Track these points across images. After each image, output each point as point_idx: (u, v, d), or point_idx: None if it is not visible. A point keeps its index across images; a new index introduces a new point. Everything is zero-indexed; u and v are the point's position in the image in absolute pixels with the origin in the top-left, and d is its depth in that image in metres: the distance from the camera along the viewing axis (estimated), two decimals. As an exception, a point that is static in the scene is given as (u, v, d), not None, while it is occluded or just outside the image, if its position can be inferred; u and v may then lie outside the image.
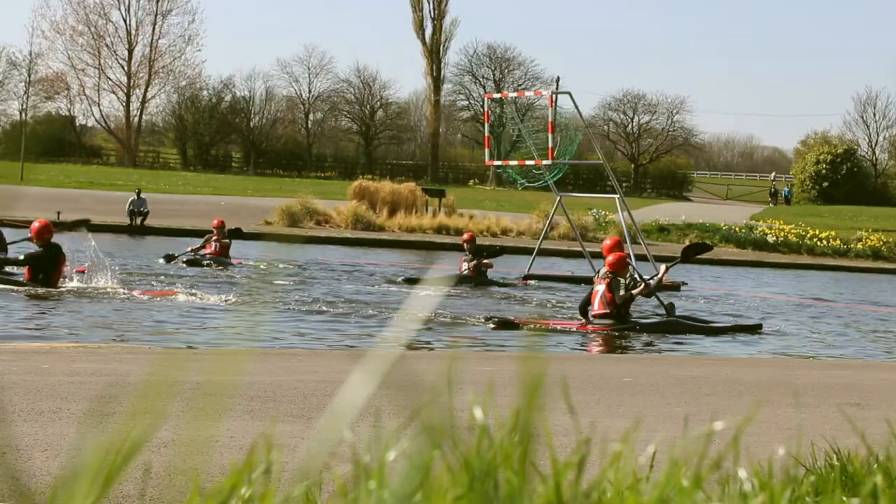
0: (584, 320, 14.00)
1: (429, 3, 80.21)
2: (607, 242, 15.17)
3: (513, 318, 14.44)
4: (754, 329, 15.34)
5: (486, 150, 25.39)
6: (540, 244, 25.01)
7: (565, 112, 25.34)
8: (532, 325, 13.94)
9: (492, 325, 13.73)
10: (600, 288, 13.86)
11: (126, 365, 8.04)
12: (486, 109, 27.63)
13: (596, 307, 13.88)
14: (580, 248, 25.09)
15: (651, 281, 14.31)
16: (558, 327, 14.06)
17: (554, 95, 24.53)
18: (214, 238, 21.15)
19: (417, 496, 1.05)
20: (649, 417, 6.09)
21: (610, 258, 14.04)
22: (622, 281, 13.87)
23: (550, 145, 22.99)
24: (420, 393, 1.05)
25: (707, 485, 1.23)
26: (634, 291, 13.93)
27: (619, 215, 24.68)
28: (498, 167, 27.08)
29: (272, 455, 1.19)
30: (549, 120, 23.50)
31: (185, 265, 20.54)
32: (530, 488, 1.08)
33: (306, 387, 7.05)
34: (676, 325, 14.44)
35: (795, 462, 1.98)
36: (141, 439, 1.08)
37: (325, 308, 14.97)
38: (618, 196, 24.32)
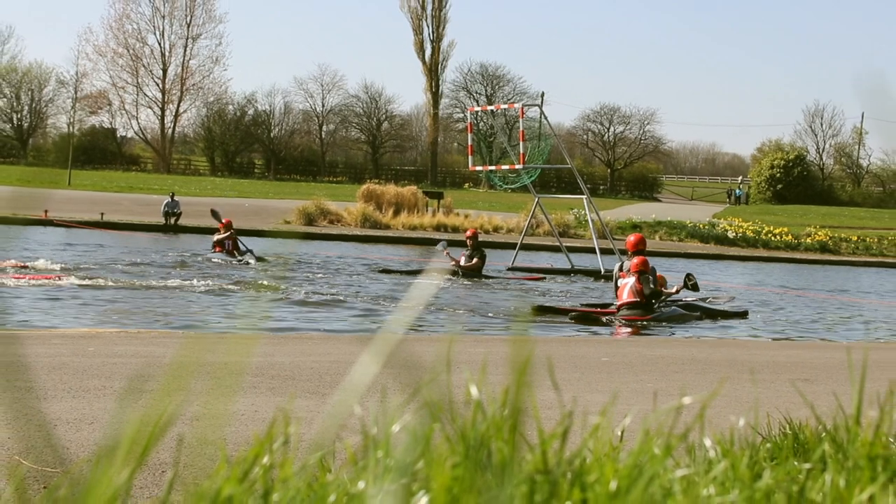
0: (615, 310, 13.90)
1: (428, 28, 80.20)
2: (631, 239, 14.86)
3: (556, 305, 14.41)
4: (742, 315, 15.32)
5: (470, 157, 25.55)
6: (522, 240, 25.02)
7: (537, 123, 25.42)
8: (572, 313, 13.79)
9: (531, 310, 13.72)
10: (630, 280, 13.80)
11: (162, 348, 8.04)
12: (469, 121, 27.69)
13: (625, 297, 13.79)
14: (577, 245, 25.15)
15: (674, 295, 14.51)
16: (593, 315, 13.86)
17: (524, 107, 24.59)
18: (224, 237, 21.07)
19: (419, 464, 1.05)
20: (624, 393, 6.08)
21: (634, 260, 13.96)
22: (650, 277, 13.86)
23: (522, 151, 23.13)
24: (421, 372, 1.05)
25: (676, 452, 1.23)
26: (664, 290, 14.16)
27: (593, 214, 24.69)
28: (480, 172, 27.15)
29: (291, 428, 1.19)
30: (521, 129, 23.63)
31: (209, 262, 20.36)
32: (519, 457, 1.08)
33: (321, 367, 7.04)
34: (688, 315, 14.42)
35: (753, 432, 1.97)
36: (175, 413, 1.08)
37: (335, 297, 14.96)
38: (585, 197, 24.40)
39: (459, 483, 1.02)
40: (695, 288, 14.85)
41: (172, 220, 32.04)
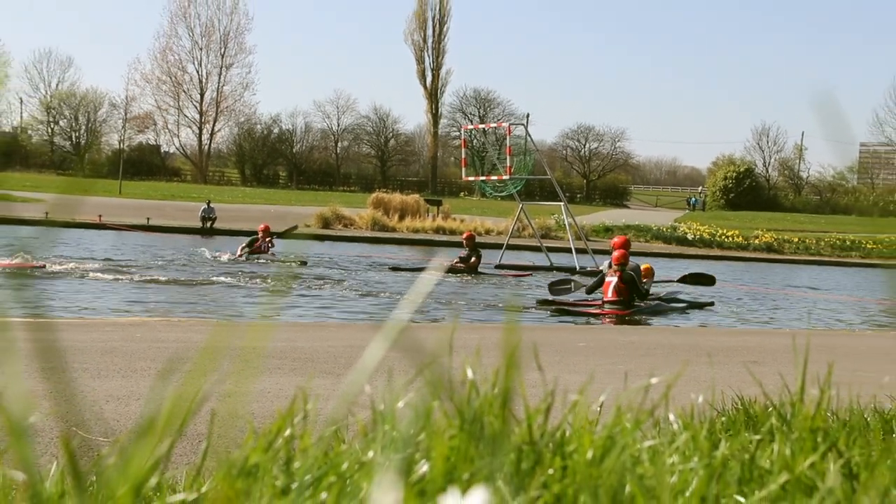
0: (600, 304, 13.56)
1: (429, 58, 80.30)
2: (616, 240, 14.49)
3: (553, 299, 14.08)
4: (709, 305, 15.15)
5: (463, 169, 25.62)
6: (508, 241, 25.05)
7: (523, 140, 25.46)
8: (565, 307, 13.50)
9: (536, 303, 13.53)
10: (613, 279, 13.45)
11: (199, 334, 8.03)
12: (463, 138, 27.70)
13: (610, 295, 13.42)
14: (557, 245, 25.12)
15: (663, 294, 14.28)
16: (582, 309, 13.55)
17: (511, 126, 24.65)
18: (261, 239, 20.78)
19: (421, 436, 1.04)
20: (599, 374, 6.07)
21: (615, 254, 13.63)
22: (633, 274, 13.52)
23: (508, 164, 23.20)
24: (423, 355, 1.04)
25: (644, 426, 1.22)
26: (645, 290, 13.89)
27: (570, 219, 24.73)
28: (473, 182, 27.17)
29: (309, 404, 1.18)
30: (508, 145, 23.67)
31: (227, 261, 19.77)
32: (509, 429, 1.07)
33: (336, 351, 7.03)
34: (662, 308, 14.18)
35: (710, 408, 1.97)
36: (209, 391, 1.07)
37: (349, 290, 14.94)
38: (563, 203, 24.43)
39: (456, 453, 1.01)
40: (695, 284, 14.57)
41: (209, 224, 32.05)
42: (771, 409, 1.74)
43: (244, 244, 20.80)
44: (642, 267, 14.64)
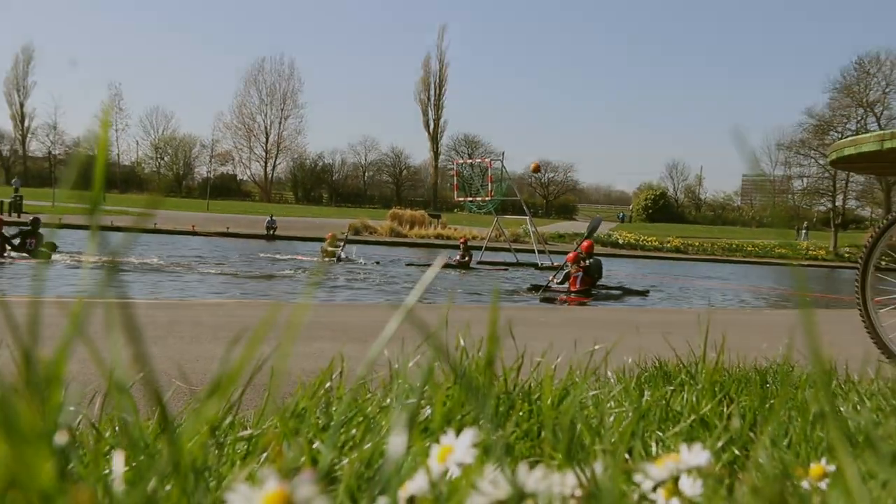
0: (567, 291, 13.20)
1: (431, 112, 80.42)
2: (584, 244, 13.68)
3: (538, 285, 13.53)
4: (643, 293, 14.92)
5: (455, 192, 25.76)
6: (486, 244, 25.12)
7: (499, 171, 25.51)
8: (544, 291, 13.06)
9: (526, 288, 13.23)
10: (580, 274, 13.20)
11: (264, 312, 7.98)
12: (455, 170, 27.86)
13: (578, 285, 13.25)
14: (524, 248, 25.09)
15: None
16: (558, 295, 13.06)
17: (491, 161, 24.81)
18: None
19: (426, 388, 1.02)
20: (556, 342, 6.03)
21: (570, 255, 13.23)
22: (590, 264, 13.15)
23: (489, 189, 23.36)
24: (428, 328, 1.03)
25: (590, 380, 1.21)
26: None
27: (533, 228, 24.82)
28: (462, 202, 27.21)
29: (343, 364, 1.16)
30: (489, 175, 23.78)
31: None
32: (491, 383, 1.05)
33: (365, 324, 6.99)
34: (612, 294, 13.85)
35: (637, 366, 1.95)
36: (269, 353, 1.05)
37: (375, 279, 14.90)
38: (528, 217, 24.53)
39: (452, 401, 0.99)
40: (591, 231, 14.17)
41: (271, 232, 32.01)
42: (681, 367, 1.73)
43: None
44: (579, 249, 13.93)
